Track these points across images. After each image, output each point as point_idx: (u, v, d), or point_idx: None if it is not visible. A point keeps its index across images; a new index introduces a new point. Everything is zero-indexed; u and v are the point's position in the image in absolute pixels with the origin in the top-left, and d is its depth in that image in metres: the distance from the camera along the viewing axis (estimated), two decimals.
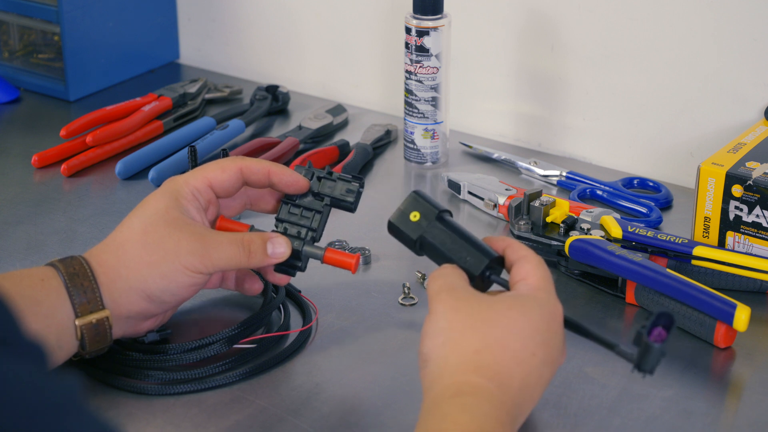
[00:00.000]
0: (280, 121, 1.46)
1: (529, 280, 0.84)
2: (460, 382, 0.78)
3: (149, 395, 0.92)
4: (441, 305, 0.82)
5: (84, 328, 0.89)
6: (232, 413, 0.91)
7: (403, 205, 0.92)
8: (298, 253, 0.97)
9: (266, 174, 0.96)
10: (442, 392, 0.78)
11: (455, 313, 0.81)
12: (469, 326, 0.80)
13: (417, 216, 0.92)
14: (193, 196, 0.94)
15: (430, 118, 1.31)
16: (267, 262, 0.94)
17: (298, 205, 0.98)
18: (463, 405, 0.76)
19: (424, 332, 0.82)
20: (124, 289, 0.90)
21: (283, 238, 0.95)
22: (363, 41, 1.48)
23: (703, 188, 1.10)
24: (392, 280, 1.09)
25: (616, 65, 1.30)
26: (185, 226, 0.92)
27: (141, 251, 0.90)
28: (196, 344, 0.95)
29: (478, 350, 0.79)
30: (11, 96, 1.50)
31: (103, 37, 1.52)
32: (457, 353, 0.79)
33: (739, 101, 1.23)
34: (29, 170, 1.31)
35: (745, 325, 0.96)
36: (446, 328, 0.81)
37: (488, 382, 0.77)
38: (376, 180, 1.31)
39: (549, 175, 1.30)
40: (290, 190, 0.98)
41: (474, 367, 0.78)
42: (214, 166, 0.96)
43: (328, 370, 0.96)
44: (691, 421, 0.90)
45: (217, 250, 0.91)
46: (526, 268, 0.85)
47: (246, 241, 0.93)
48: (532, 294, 0.83)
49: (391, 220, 0.93)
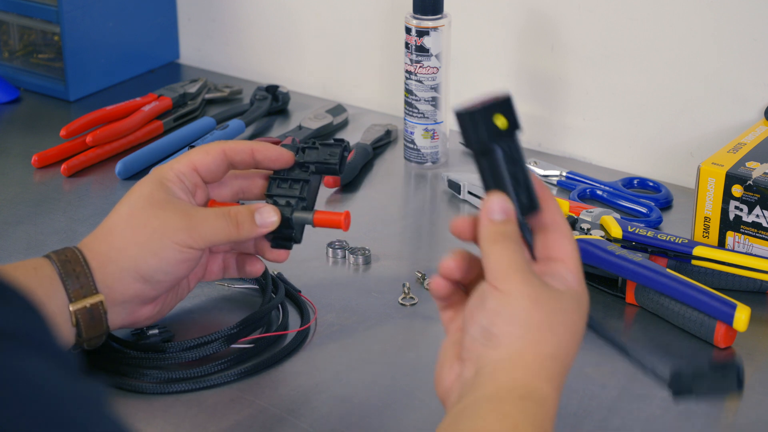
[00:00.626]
0: (280, 121, 1.46)
1: (570, 265, 0.76)
2: (532, 386, 0.73)
3: (148, 394, 0.92)
4: (517, 289, 0.74)
5: (79, 313, 0.89)
6: (232, 413, 0.91)
7: (494, 101, 0.77)
8: (288, 221, 0.97)
9: (250, 152, 0.97)
10: (510, 388, 0.73)
11: (534, 307, 0.74)
12: (547, 327, 0.74)
13: (503, 123, 0.77)
14: (178, 179, 0.95)
15: (430, 118, 1.31)
16: (257, 231, 0.95)
17: (286, 178, 0.99)
18: (527, 409, 0.73)
19: (496, 310, 0.74)
20: (117, 272, 0.90)
21: (270, 206, 0.96)
22: (363, 41, 1.48)
23: (703, 188, 1.10)
24: (392, 280, 1.09)
25: (616, 65, 1.30)
26: (170, 204, 0.92)
27: (129, 233, 0.91)
28: (194, 343, 0.95)
29: (553, 356, 0.74)
30: (11, 96, 1.50)
31: (103, 37, 1.52)
32: (534, 353, 0.74)
33: (739, 101, 1.23)
34: (29, 170, 1.31)
35: (745, 325, 0.96)
36: (525, 321, 0.74)
37: (553, 392, 0.74)
38: (376, 180, 1.31)
39: (549, 175, 1.30)
40: (276, 164, 0.98)
41: (547, 375, 0.74)
42: (198, 150, 0.97)
43: (327, 370, 0.96)
44: (691, 421, 0.90)
45: (205, 223, 0.92)
46: (566, 247, 0.77)
47: (233, 213, 0.93)
48: (580, 290, 0.77)
49: (473, 110, 0.77)
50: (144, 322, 0.96)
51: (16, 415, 0.51)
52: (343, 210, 0.98)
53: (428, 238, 1.23)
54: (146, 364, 0.94)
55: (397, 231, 1.20)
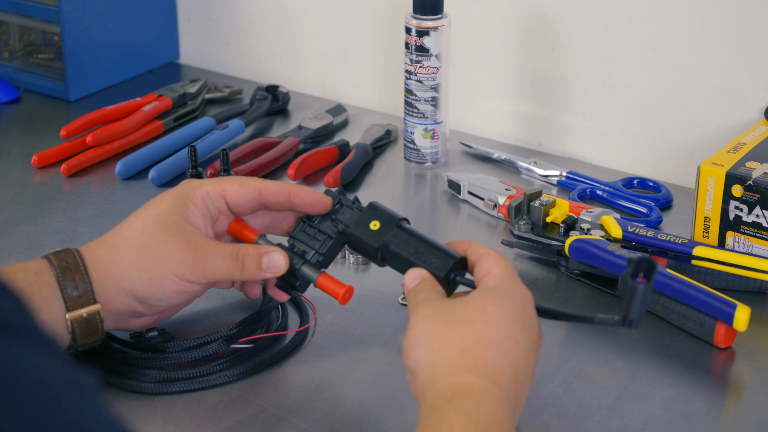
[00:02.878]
0: (280, 121, 1.46)
1: (493, 273, 0.85)
2: (454, 385, 0.77)
3: (148, 394, 0.92)
4: (417, 316, 0.83)
5: (75, 322, 0.89)
6: (232, 413, 0.91)
7: (362, 215, 0.93)
8: (294, 272, 0.95)
9: (287, 195, 0.95)
10: (437, 397, 0.77)
11: (433, 320, 0.82)
12: (448, 328, 0.80)
13: (377, 225, 0.92)
14: (203, 201, 0.93)
15: (430, 118, 1.31)
16: (261, 275, 0.93)
17: (315, 227, 0.96)
18: (459, 407, 0.76)
19: (406, 345, 0.82)
20: (113, 288, 0.90)
21: (280, 252, 0.93)
22: (363, 41, 1.48)
23: (703, 188, 1.10)
24: (392, 280, 1.09)
25: (616, 65, 1.30)
26: (182, 233, 0.91)
27: (133, 253, 0.90)
28: (194, 343, 0.95)
29: (464, 349, 0.79)
30: (11, 96, 1.50)
31: (103, 37, 1.52)
32: (444, 357, 0.79)
33: (739, 101, 1.23)
34: (29, 170, 1.31)
35: (745, 325, 0.96)
36: (428, 335, 0.81)
37: (481, 381, 0.77)
38: (376, 180, 1.31)
39: (549, 175, 1.30)
40: (311, 210, 0.96)
41: (464, 367, 0.78)
42: (234, 179, 0.95)
43: (328, 370, 0.96)
44: (691, 421, 0.90)
45: (210, 262, 0.90)
46: (488, 263, 0.86)
47: (241, 254, 0.91)
48: (500, 285, 0.84)
49: (350, 230, 0.92)
50: (137, 329, 0.96)
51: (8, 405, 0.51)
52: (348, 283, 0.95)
53: None
54: (146, 364, 0.94)
55: None
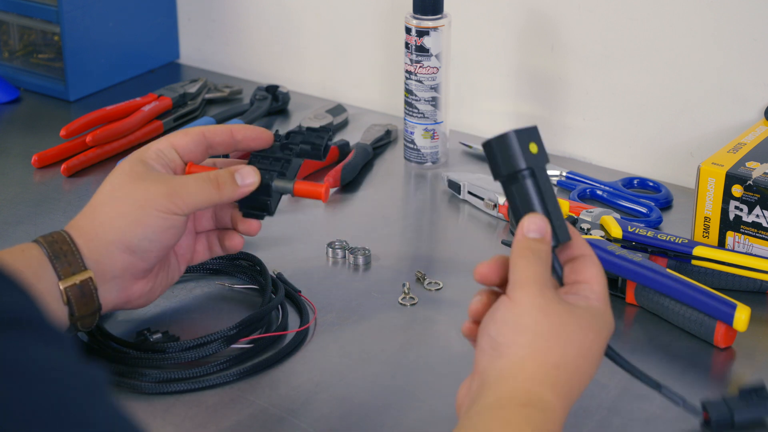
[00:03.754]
0: (280, 121, 1.46)
1: (594, 287, 0.78)
2: (533, 393, 0.74)
3: (148, 394, 0.92)
4: (529, 300, 0.76)
5: (69, 291, 0.89)
6: (232, 413, 0.91)
7: (526, 129, 0.79)
8: (267, 188, 0.97)
9: (229, 132, 0.98)
10: (512, 395, 0.74)
11: (544, 318, 0.76)
12: (554, 337, 0.75)
13: (535, 149, 0.79)
14: (157, 156, 0.96)
15: (430, 118, 1.31)
16: (238, 192, 0.96)
17: (267, 156, 0.99)
18: (529, 417, 0.73)
19: (504, 319, 0.76)
20: (103, 246, 0.91)
21: (251, 167, 0.97)
22: (363, 41, 1.48)
23: (703, 188, 1.10)
24: (392, 280, 1.09)
25: (616, 65, 1.30)
26: (150, 175, 0.94)
27: (112, 207, 0.92)
28: (194, 343, 0.95)
29: (558, 366, 0.75)
30: (11, 96, 1.50)
31: (103, 37, 1.52)
32: (537, 362, 0.75)
33: (739, 101, 1.23)
34: (29, 170, 1.31)
35: (745, 325, 0.96)
36: (532, 330, 0.75)
37: (558, 401, 0.75)
38: (376, 180, 1.31)
39: (549, 175, 1.29)
40: (255, 143, 0.99)
41: (551, 383, 0.75)
42: (177, 132, 0.98)
43: (327, 370, 0.96)
44: (691, 421, 0.90)
45: (185, 188, 0.93)
46: (591, 271, 0.79)
47: (213, 175, 0.94)
48: (602, 309, 0.78)
49: (509, 134, 0.78)
50: (137, 301, 0.96)
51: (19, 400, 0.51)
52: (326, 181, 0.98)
53: (428, 238, 1.23)
54: (146, 364, 0.94)
55: (397, 231, 1.20)
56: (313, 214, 1.22)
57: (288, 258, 1.11)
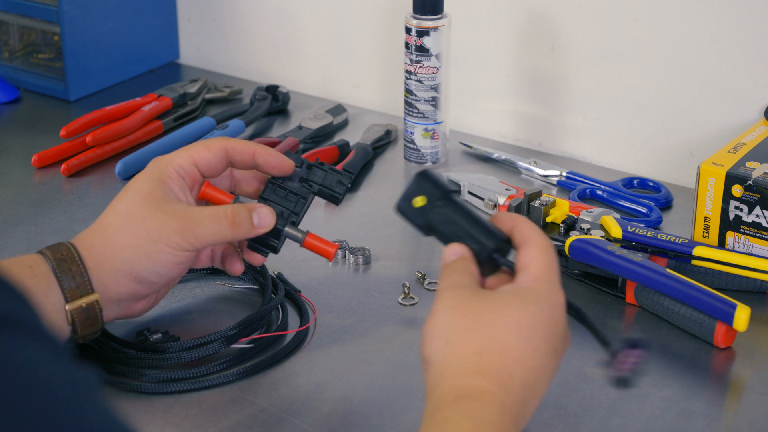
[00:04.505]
0: (280, 121, 1.46)
1: (530, 269, 0.80)
2: (462, 386, 0.76)
3: (148, 394, 0.92)
4: (442, 303, 0.80)
5: (74, 313, 0.89)
6: (232, 413, 0.91)
7: (408, 189, 0.88)
8: (278, 232, 0.97)
9: (251, 154, 0.97)
10: (444, 396, 0.76)
11: (455, 312, 0.79)
12: (468, 327, 0.78)
13: (422, 201, 0.87)
14: (178, 174, 0.94)
15: (430, 118, 1.31)
16: (253, 232, 0.94)
17: (284, 187, 0.99)
18: (464, 409, 0.75)
19: (424, 332, 0.79)
20: (111, 272, 0.91)
21: (268, 208, 0.95)
22: (363, 41, 1.48)
23: (703, 188, 1.10)
24: (392, 280, 1.09)
25: (616, 65, 1.30)
26: (167, 205, 0.92)
27: (125, 233, 0.91)
28: (194, 343, 0.95)
29: (479, 351, 0.77)
30: (11, 96, 1.50)
31: (103, 37, 1.52)
32: (457, 355, 0.77)
33: (739, 101, 1.23)
34: (29, 170, 1.31)
35: (745, 325, 0.96)
36: (446, 329, 0.78)
37: (490, 385, 0.76)
38: (376, 180, 1.31)
39: (549, 175, 1.29)
40: (275, 171, 0.98)
41: (475, 369, 0.76)
42: (199, 145, 0.96)
43: (328, 370, 0.96)
44: (691, 421, 0.90)
45: (201, 226, 0.91)
46: (530, 253, 0.81)
47: (230, 213, 0.93)
48: (532, 286, 0.79)
49: (397, 206, 0.88)
50: (137, 315, 0.96)
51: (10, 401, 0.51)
52: (335, 241, 0.97)
53: (428, 238, 1.22)
54: (146, 364, 0.94)
55: (397, 231, 1.20)
56: (313, 214, 1.22)
57: (288, 258, 1.11)
